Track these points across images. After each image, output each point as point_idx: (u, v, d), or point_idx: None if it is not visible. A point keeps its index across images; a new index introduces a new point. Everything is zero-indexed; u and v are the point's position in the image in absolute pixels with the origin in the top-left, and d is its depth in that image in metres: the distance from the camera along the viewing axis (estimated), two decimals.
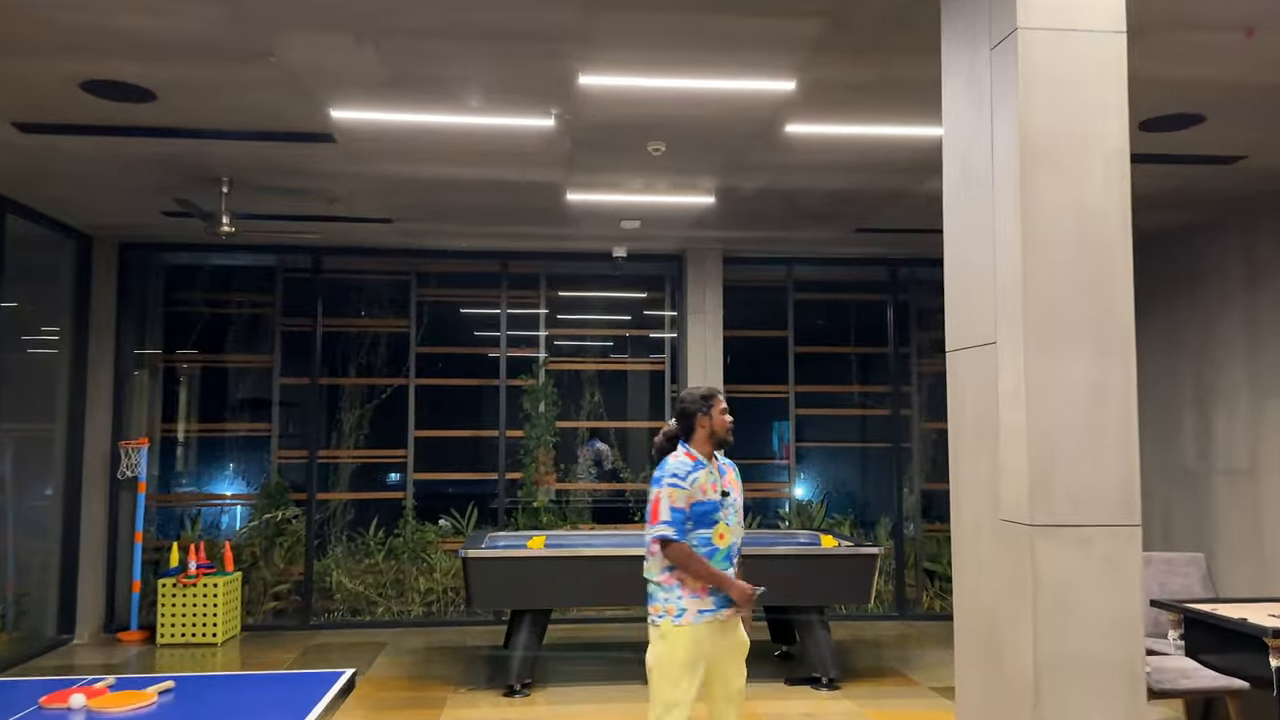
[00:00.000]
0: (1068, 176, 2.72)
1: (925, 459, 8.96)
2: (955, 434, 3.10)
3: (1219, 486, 7.09)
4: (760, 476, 9.24)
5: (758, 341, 9.11)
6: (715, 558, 3.75)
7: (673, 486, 3.71)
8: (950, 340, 3.15)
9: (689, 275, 8.45)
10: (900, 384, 8.94)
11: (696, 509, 3.71)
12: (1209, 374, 7.22)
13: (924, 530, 8.89)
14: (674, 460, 3.78)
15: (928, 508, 8.96)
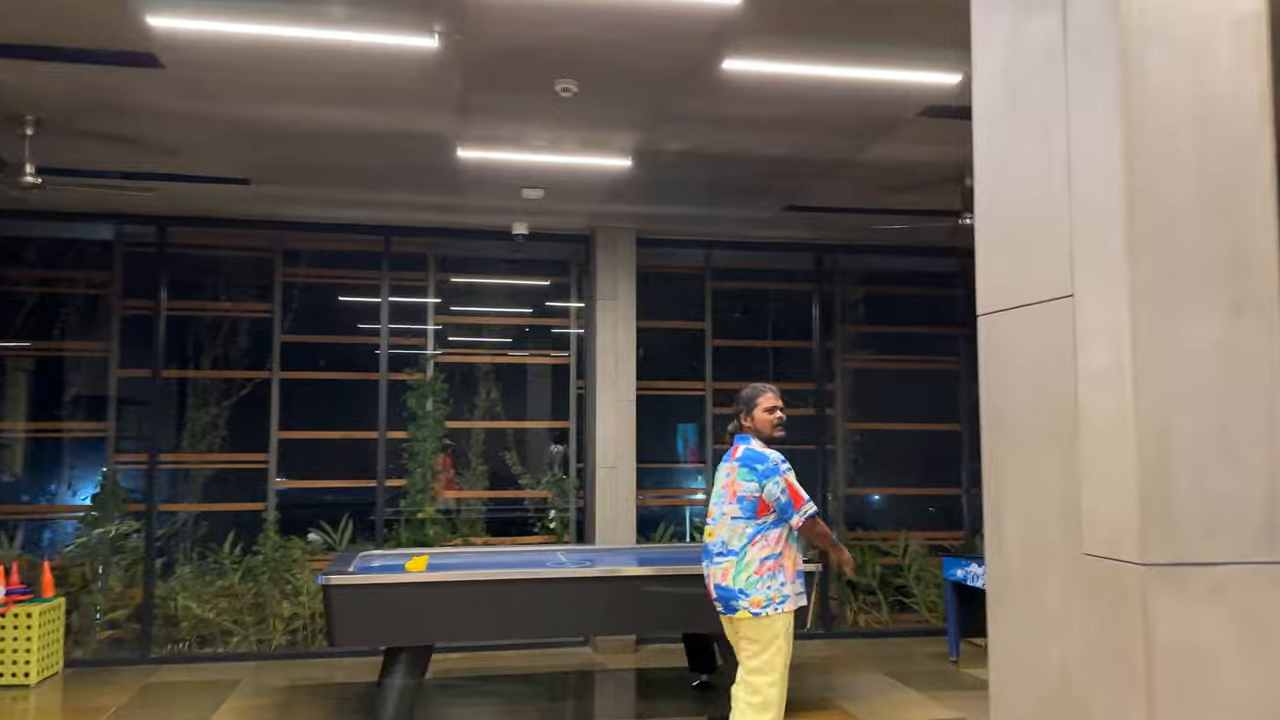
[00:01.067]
0: (1184, 53, 1.84)
1: (848, 462, 8.14)
2: (994, 426, 2.20)
3: None
4: (670, 482, 8.31)
5: (673, 334, 8.19)
6: (802, 543, 4.11)
7: (789, 472, 4.00)
8: (986, 299, 2.25)
9: (599, 258, 7.48)
10: (825, 381, 8.14)
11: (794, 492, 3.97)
12: None
13: (847, 539, 8.07)
14: (768, 452, 4.06)
15: (850, 515, 8.17)
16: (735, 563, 3.98)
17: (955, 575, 6.89)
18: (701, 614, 5.18)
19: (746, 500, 4.00)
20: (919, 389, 8.56)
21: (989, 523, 2.22)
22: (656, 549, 6.50)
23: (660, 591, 5.25)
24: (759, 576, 3.93)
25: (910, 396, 8.52)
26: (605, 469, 7.30)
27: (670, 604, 5.27)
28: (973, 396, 8.24)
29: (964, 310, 8.52)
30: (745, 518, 4.01)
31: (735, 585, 3.97)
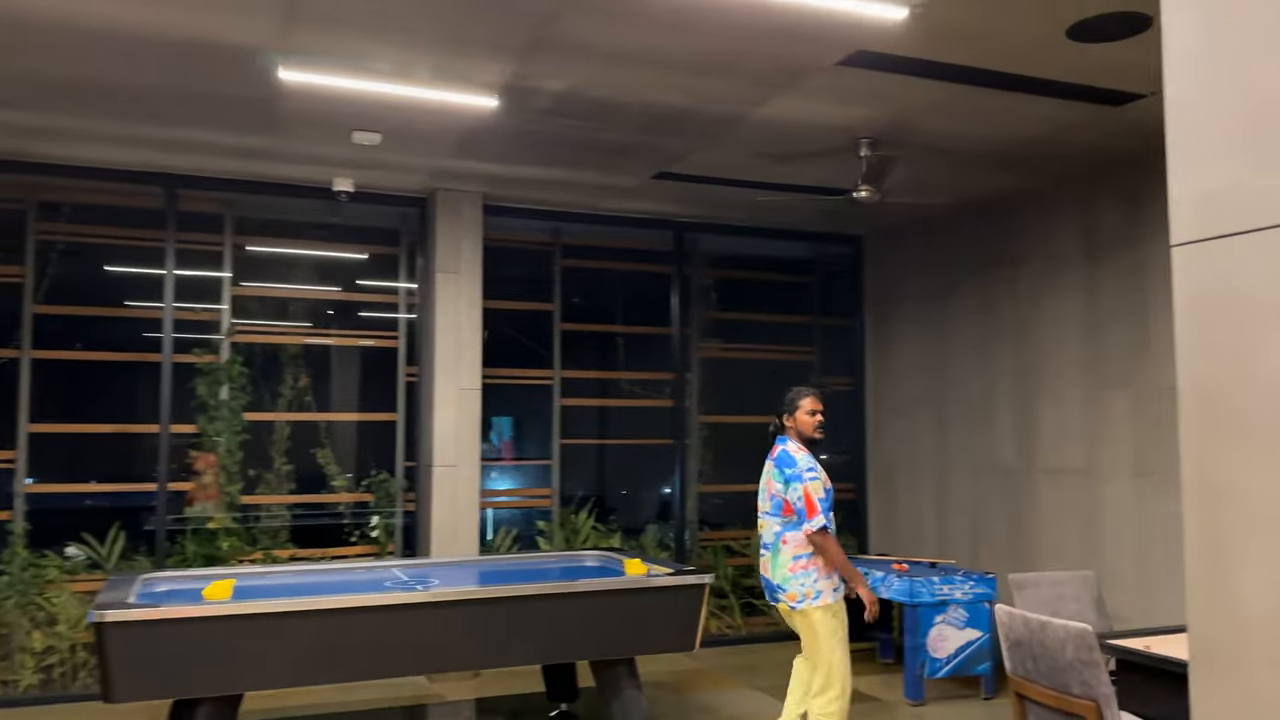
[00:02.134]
0: None
1: (700, 458, 7.46)
2: (1209, 411, 1.46)
3: (1043, 487, 6.15)
4: (517, 480, 7.36)
5: (519, 316, 7.22)
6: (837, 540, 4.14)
7: (813, 480, 4.06)
8: (1189, 222, 1.50)
9: (439, 225, 6.41)
10: (685, 371, 7.41)
11: (827, 496, 4.09)
12: (1034, 362, 6.28)
13: (698, 540, 7.38)
14: (800, 455, 4.13)
15: (703, 513, 7.50)
16: (772, 558, 4.21)
17: None
18: (585, 640, 4.31)
19: (776, 499, 4.19)
20: (774, 380, 7.98)
21: (1194, 558, 1.47)
22: (510, 561, 5.53)
23: (539, 614, 4.32)
24: (792, 574, 4.14)
25: (765, 388, 7.93)
26: (443, 468, 6.25)
27: (549, 628, 4.35)
28: (826, 386, 7.75)
29: (819, 298, 8.03)
30: (774, 515, 4.21)
31: (775, 579, 4.21)
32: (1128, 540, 5.58)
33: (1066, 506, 5.99)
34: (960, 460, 6.84)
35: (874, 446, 7.72)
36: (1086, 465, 5.87)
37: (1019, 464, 6.36)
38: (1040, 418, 6.21)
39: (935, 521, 7.04)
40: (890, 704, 5.66)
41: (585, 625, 4.41)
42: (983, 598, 5.71)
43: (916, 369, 7.28)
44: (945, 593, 5.63)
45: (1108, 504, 5.73)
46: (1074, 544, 5.92)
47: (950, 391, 6.95)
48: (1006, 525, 6.44)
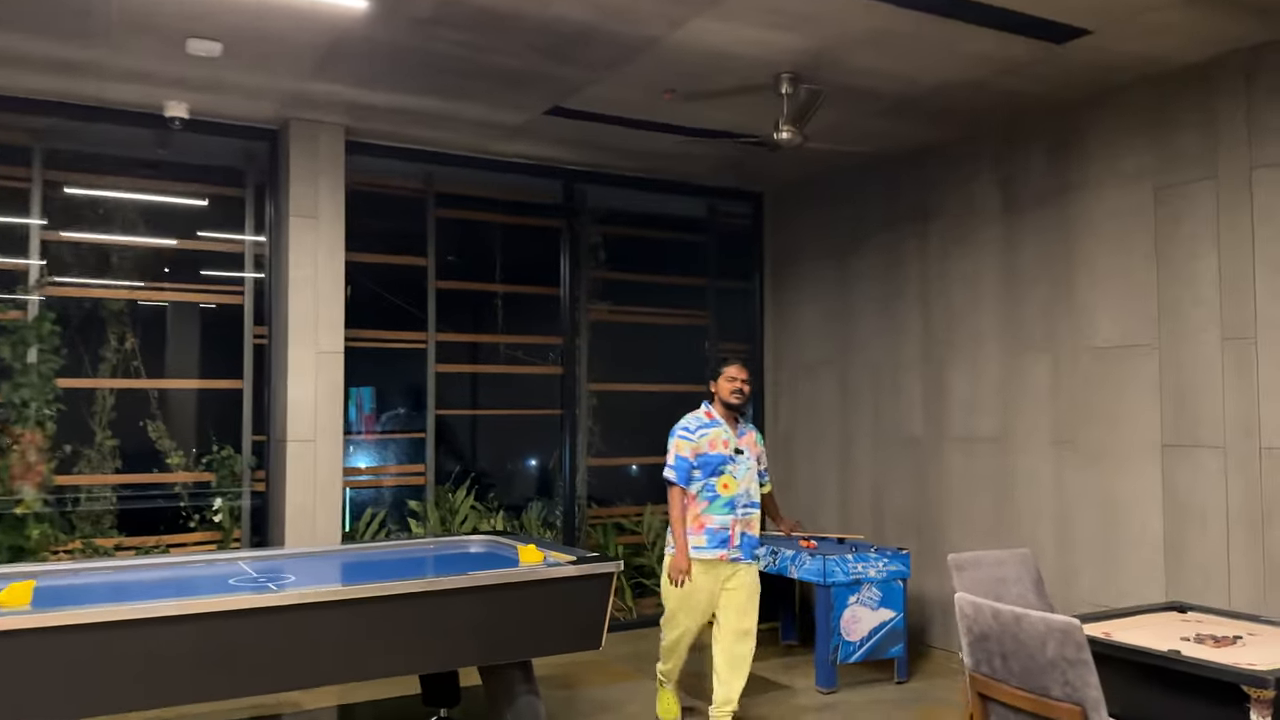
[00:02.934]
0: None
1: (589, 429, 6.85)
2: None
3: (954, 457, 5.83)
4: (381, 458, 6.57)
5: (389, 272, 6.40)
6: (718, 504, 4.34)
7: (680, 438, 4.37)
8: None
9: (293, 162, 5.52)
10: (573, 335, 6.75)
11: (704, 459, 4.34)
12: (944, 326, 5.93)
13: (587, 517, 6.79)
14: (690, 415, 4.43)
15: (591, 489, 6.89)
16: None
17: None
18: (472, 642, 3.64)
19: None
20: (668, 345, 7.42)
21: None
22: (380, 550, 4.77)
23: (419, 616, 3.61)
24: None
25: (658, 353, 7.38)
26: (299, 443, 5.42)
27: (431, 632, 3.65)
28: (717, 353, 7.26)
29: (716, 259, 7.50)
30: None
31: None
32: (1045, 514, 5.30)
33: (979, 478, 5.68)
34: (864, 428, 6.47)
35: (772, 415, 7.28)
36: (1001, 433, 5.55)
37: (927, 432, 6.01)
38: (951, 383, 5.87)
39: (837, 494, 6.67)
40: (800, 692, 5.21)
41: (474, 626, 3.73)
42: (897, 575, 5.33)
43: (818, 333, 6.87)
44: (859, 571, 5.21)
45: (1022, 475, 5.43)
46: (986, 517, 5.62)
47: (854, 356, 6.57)
48: (913, 497, 6.09)
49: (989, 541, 5.58)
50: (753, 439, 4.50)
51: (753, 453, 4.46)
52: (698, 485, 4.33)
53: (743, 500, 4.38)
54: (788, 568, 5.41)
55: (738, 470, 4.37)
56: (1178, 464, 4.67)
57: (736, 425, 4.45)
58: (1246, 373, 4.41)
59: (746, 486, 4.39)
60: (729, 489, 4.35)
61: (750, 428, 4.55)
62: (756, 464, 4.48)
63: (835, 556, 5.20)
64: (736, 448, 4.40)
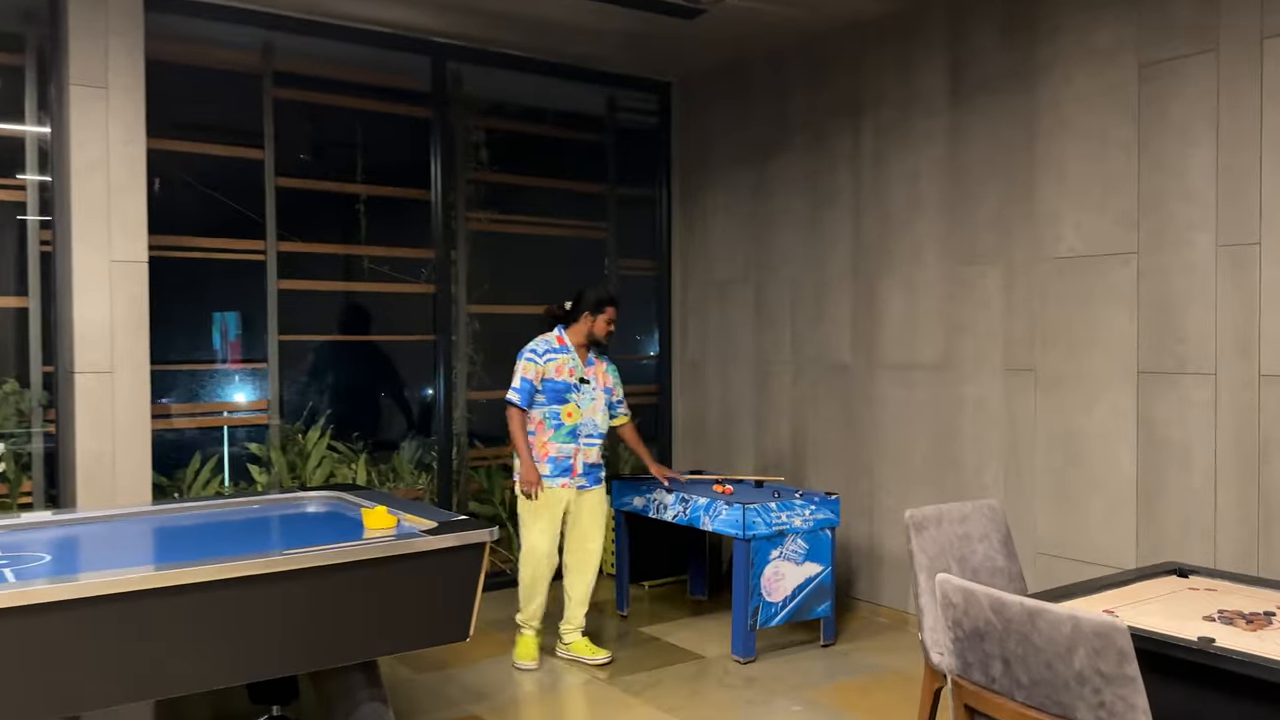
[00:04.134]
0: None
1: (469, 358, 5.90)
2: None
3: (887, 387, 5.14)
4: (210, 393, 5.41)
5: (216, 166, 5.19)
6: (561, 431, 4.42)
7: (527, 360, 4.43)
8: None
9: (73, 15, 4.24)
10: (449, 248, 5.67)
11: (549, 384, 4.41)
12: (878, 236, 5.15)
13: (469, 458, 5.88)
14: (539, 338, 4.49)
15: (475, 426, 5.96)
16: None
17: (630, 504, 5.03)
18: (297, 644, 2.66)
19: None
20: (560, 261, 6.44)
21: None
22: (191, 512, 3.69)
23: (220, 611, 2.60)
24: None
25: (549, 270, 6.38)
26: (91, 374, 4.26)
27: (238, 633, 2.65)
28: (622, 270, 6.31)
29: (617, 162, 6.49)
30: None
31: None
32: (995, 452, 4.60)
33: (917, 411, 4.96)
34: (784, 356, 5.69)
35: (680, 341, 6.44)
36: (943, 360, 4.81)
37: (857, 359, 5.27)
38: (886, 302, 5.11)
39: (753, 430, 5.91)
40: (713, 662, 4.43)
41: (290, 623, 2.74)
42: (825, 524, 4.60)
43: (732, 247, 6.05)
44: (783, 521, 4.43)
45: (969, 407, 4.72)
46: (925, 456, 4.92)
47: (773, 273, 5.76)
48: (841, 434, 5.36)
49: (926, 483, 4.87)
50: (602, 369, 4.56)
51: (600, 383, 4.53)
52: (542, 410, 4.42)
53: (586, 429, 4.46)
54: (699, 518, 4.59)
55: (582, 399, 4.46)
56: (1156, 393, 3.98)
57: (587, 355, 4.53)
58: (1245, 284, 3.68)
59: (591, 416, 4.47)
60: (572, 417, 4.44)
61: (604, 359, 4.60)
62: (606, 395, 4.54)
63: (756, 505, 4.40)
64: (582, 377, 4.48)
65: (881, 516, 5.10)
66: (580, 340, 4.49)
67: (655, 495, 4.86)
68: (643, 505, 4.97)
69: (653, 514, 4.89)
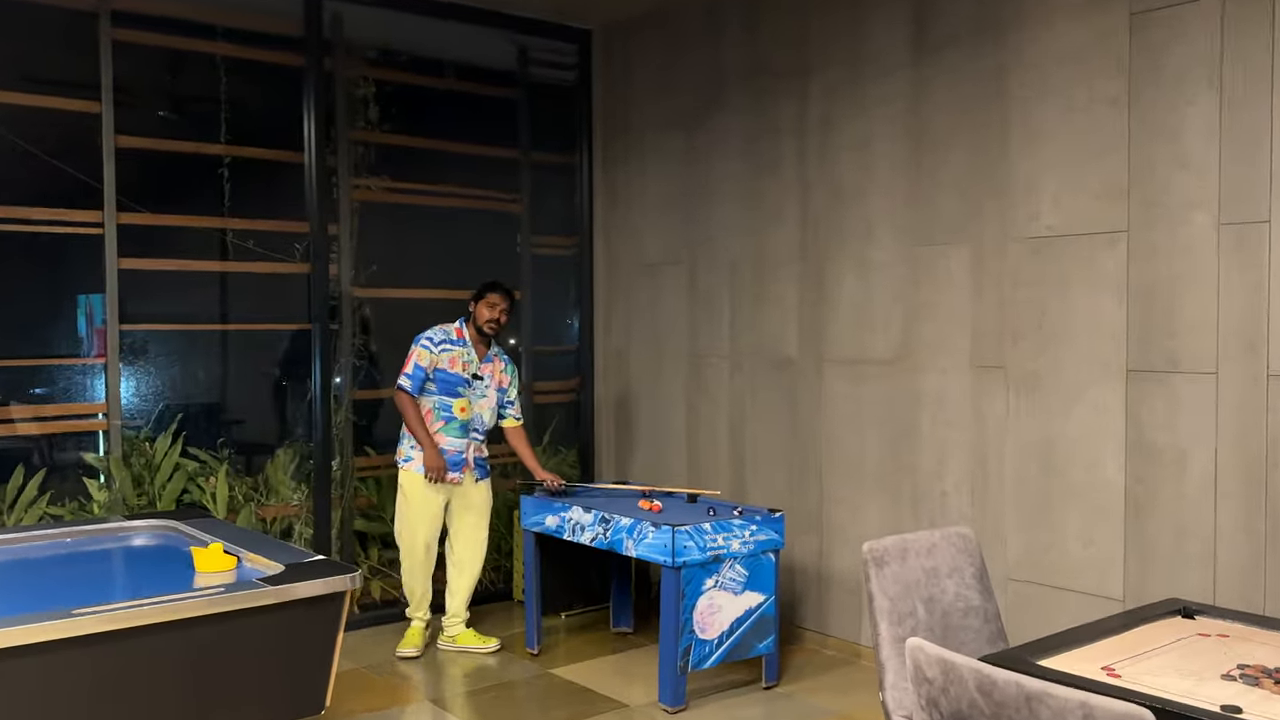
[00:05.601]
0: None
1: (356, 350, 5.48)
2: None
3: (836, 383, 4.83)
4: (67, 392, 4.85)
5: (45, 120, 4.62)
6: (453, 425, 4.68)
7: (422, 347, 4.67)
8: None
9: None
10: (327, 220, 5.18)
11: (441, 375, 4.66)
12: (828, 212, 4.82)
13: (353, 470, 5.45)
14: (439, 326, 4.75)
15: (360, 430, 5.54)
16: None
17: (541, 524, 4.69)
18: None
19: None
20: (466, 237, 6.01)
21: None
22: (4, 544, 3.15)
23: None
24: (403, 433, 4.82)
25: (454, 248, 5.96)
26: None
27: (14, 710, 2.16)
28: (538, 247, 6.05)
29: (530, 124, 6.06)
30: None
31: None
32: (959, 460, 4.30)
33: (870, 412, 4.66)
34: (721, 348, 5.37)
35: (604, 330, 6.13)
36: (899, 353, 4.54)
37: (804, 353, 4.96)
38: (835, 287, 4.80)
39: (685, 434, 5.59)
40: (637, 712, 4.06)
41: (85, 707, 2.24)
42: (768, 546, 4.27)
43: (662, 223, 5.70)
44: (719, 544, 4.09)
45: (928, 407, 4.43)
46: (879, 464, 4.62)
47: (709, 253, 5.43)
48: (784, 439, 5.05)
49: (881, 493, 4.59)
50: (499, 368, 4.82)
51: (494, 382, 4.79)
52: (433, 401, 4.65)
53: (476, 424, 4.74)
54: (622, 541, 4.21)
55: (474, 395, 4.72)
56: (1147, 394, 3.70)
57: (486, 351, 4.78)
58: (1252, 268, 3.41)
59: (481, 413, 4.75)
60: (465, 413, 4.69)
61: (503, 358, 4.86)
62: (499, 395, 4.81)
63: (687, 527, 4.03)
64: (475, 373, 4.72)
65: (831, 532, 4.81)
66: (472, 333, 4.71)
67: (571, 514, 4.48)
68: (556, 526, 4.58)
69: (568, 536, 4.51)
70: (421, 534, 4.69)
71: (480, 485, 4.80)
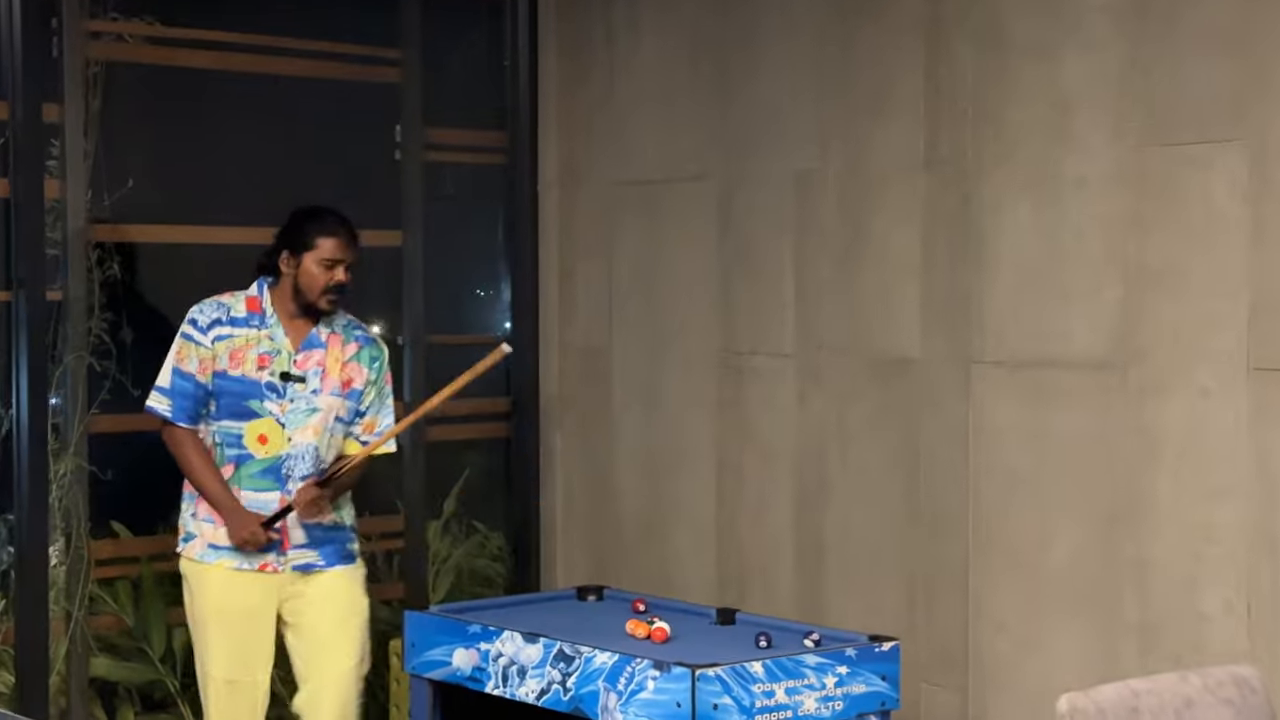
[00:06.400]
0: None
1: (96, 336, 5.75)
2: None
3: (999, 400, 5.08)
4: None
5: None
6: (248, 469, 4.84)
7: (183, 338, 4.86)
8: None
9: None
10: (36, 95, 5.43)
11: (222, 384, 4.81)
12: (978, 83, 5.07)
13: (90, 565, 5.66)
14: (211, 300, 4.92)
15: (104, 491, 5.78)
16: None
17: (445, 665, 4.88)
18: None
19: None
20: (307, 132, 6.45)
21: None
22: None
23: None
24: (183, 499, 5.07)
25: (280, 154, 6.36)
26: None
27: None
28: None
29: None
30: None
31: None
32: (1228, 550, 4.50)
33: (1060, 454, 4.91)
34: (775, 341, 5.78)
35: (559, 308, 6.50)
36: (1117, 352, 4.77)
37: (931, 349, 5.26)
38: (993, 227, 5.08)
39: (711, 502, 5.99)
40: None
41: None
42: (869, 706, 4.43)
43: (670, 111, 6.13)
44: (780, 702, 4.23)
45: (1169, 451, 4.64)
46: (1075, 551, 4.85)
47: (756, 167, 5.83)
48: (895, 510, 5.38)
49: (1081, 612, 4.81)
50: (341, 354, 4.94)
51: (332, 380, 4.90)
52: (213, 430, 4.84)
53: (301, 465, 4.82)
54: (597, 698, 4.36)
55: (287, 411, 4.81)
56: None
57: (311, 327, 4.91)
58: None
59: (306, 440, 4.82)
60: (268, 444, 4.80)
61: (354, 334, 5.02)
62: (345, 402, 4.93)
63: (720, 669, 4.15)
64: (286, 371, 4.82)
65: (986, 680, 4.98)
66: (284, 304, 4.87)
67: (500, 645, 4.62)
68: (470, 667, 4.70)
69: (493, 686, 4.63)
70: (222, 666, 4.80)
71: (328, 576, 4.91)
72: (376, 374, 4.98)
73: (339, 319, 4.94)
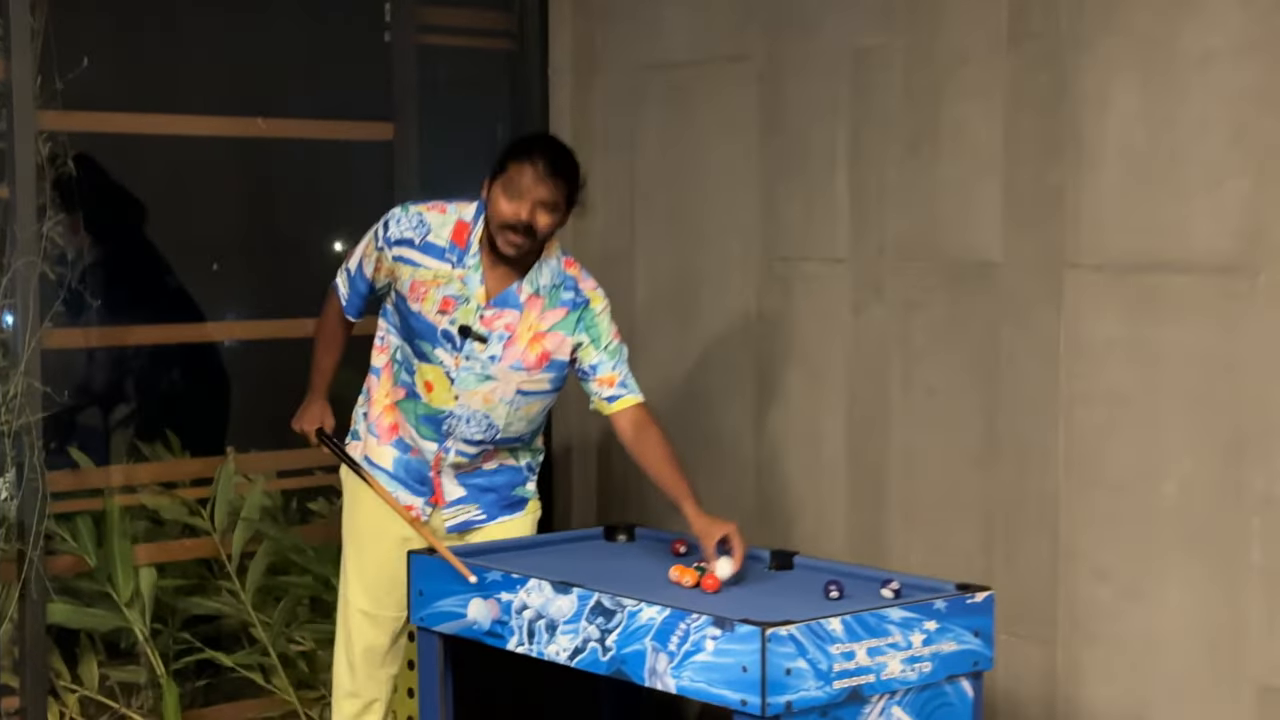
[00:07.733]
0: None
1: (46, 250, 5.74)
2: None
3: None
4: None
5: None
6: (414, 409, 4.74)
7: (371, 235, 4.80)
8: None
9: None
10: None
11: (405, 308, 4.71)
12: None
13: (46, 499, 5.61)
14: (422, 207, 4.76)
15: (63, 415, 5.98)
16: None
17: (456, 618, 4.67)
18: None
19: None
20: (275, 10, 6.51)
21: None
22: None
23: None
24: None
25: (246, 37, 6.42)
26: None
27: None
28: None
29: None
30: None
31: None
32: None
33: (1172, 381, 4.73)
34: (830, 244, 5.64)
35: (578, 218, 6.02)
36: (1249, 253, 4.51)
37: (1015, 253, 5.08)
38: (1093, 107, 4.87)
39: (750, 431, 5.94)
40: None
41: None
42: (960, 664, 4.15)
43: (698, 2, 6.04)
44: (860, 664, 3.95)
45: None
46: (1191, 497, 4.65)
47: (802, 43, 5.72)
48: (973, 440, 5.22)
49: (1196, 558, 4.60)
50: (540, 321, 4.67)
51: (512, 352, 4.66)
52: (392, 346, 4.82)
53: (465, 429, 4.69)
54: (643, 658, 4.05)
55: (460, 366, 4.64)
56: None
57: (510, 283, 4.64)
58: None
59: (474, 408, 4.67)
60: (433, 393, 4.68)
61: (563, 296, 4.71)
62: (522, 375, 4.68)
63: (792, 628, 3.80)
64: (468, 326, 4.61)
65: (1079, 629, 4.84)
66: (484, 238, 4.62)
67: (521, 596, 4.35)
68: (489, 621, 4.42)
69: (516, 643, 4.33)
70: (359, 596, 4.87)
71: (493, 530, 4.83)
72: (594, 336, 4.66)
73: (550, 275, 4.63)
